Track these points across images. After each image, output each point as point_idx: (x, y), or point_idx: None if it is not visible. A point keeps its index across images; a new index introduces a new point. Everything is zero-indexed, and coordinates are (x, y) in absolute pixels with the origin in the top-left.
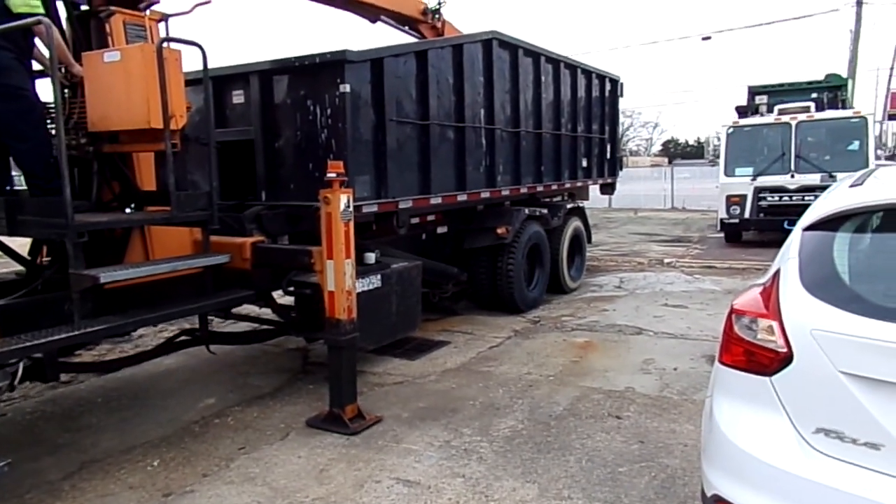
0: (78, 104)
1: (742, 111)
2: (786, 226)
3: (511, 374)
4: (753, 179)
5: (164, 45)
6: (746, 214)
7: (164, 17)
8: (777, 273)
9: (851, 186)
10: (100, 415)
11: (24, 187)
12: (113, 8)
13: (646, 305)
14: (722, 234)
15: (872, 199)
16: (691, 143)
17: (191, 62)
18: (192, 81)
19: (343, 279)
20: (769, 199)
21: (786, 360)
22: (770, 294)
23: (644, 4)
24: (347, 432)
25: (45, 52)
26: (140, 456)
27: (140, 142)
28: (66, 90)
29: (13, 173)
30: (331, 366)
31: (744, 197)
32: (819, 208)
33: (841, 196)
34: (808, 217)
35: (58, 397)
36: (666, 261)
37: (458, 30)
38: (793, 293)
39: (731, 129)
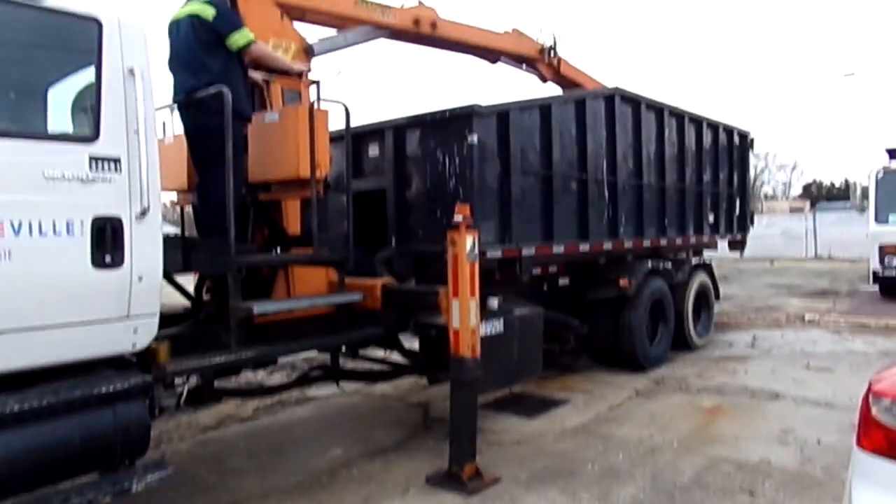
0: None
1: (894, 153)
2: None
3: (632, 438)
4: None
5: (315, 105)
6: None
7: (315, 82)
8: None
9: None
10: (242, 459)
11: None
12: (274, 76)
13: (783, 367)
14: (875, 288)
15: None
16: (837, 184)
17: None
18: (334, 138)
19: (468, 317)
20: None
21: None
22: None
23: (771, 46)
24: (466, 492)
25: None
26: (275, 501)
27: (289, 190)
28: None
29: None
30: (453, 406)
31: None
32: None
33: None
34: None
35: (207, 441)
36: (808, 317)
37: (573, 66)
38: None
39: (881, 174)
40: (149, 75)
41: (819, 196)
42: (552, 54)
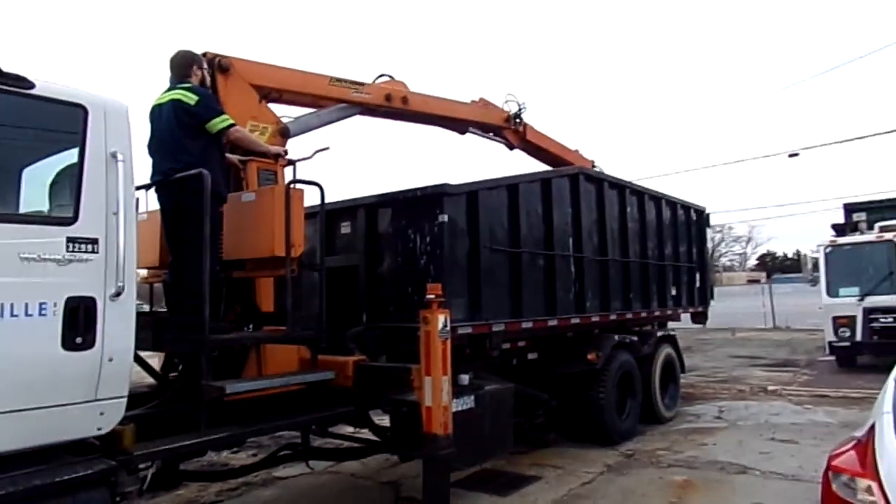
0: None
1: (839, 229)
2: None
3: None
4: (861, 300)
5: (291, 186)
6: (858, 337)
7: (291, 163)
8: (873, 427)
9: None
10: None
11: None
12: (249, 158)
13: (750, 439)
14: (833, 358)
15: None
16: (790, 255)
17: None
18: (306, 215)
19: (440, 395)
20: (882, 320)
21: None
22: (866, 450)
23: (721, 127)
24: None
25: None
26: None
27: (264, 268)
28: None
29: None
30: (425, 485)
31: (853, 318)
32: None
33: None
34: None
35: None
36: (770, 388)
37: (539, 132)
38: (890, 452)
39: (829, 248)
40: (130, 158)
41: (773, 267)
42: (518, 121)
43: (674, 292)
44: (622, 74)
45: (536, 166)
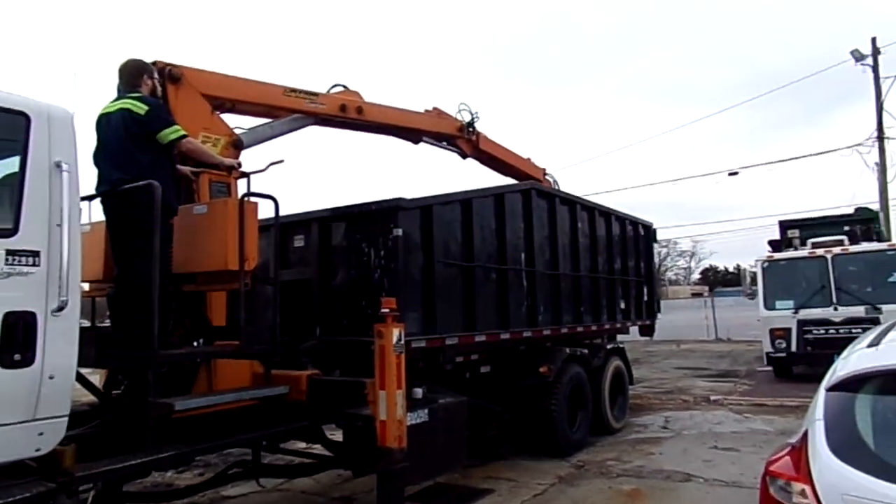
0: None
1: (775, 245)
2: (836, 359)
3: None
4: (795, 312)
5: (245, 198)
6: (793, 348)
7: (244, 175)
8: (806, 434)
9: (868, 346)
10: None
11: None
12: (201, 169)
13: (694, 448)
14: (770, 368)
15: (887, 361)
16: (731, 270)
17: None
18: (261, 228)
19: (395, 409)
20: (815, 332)
21: None
22: (800, 456)
23: (663, 148)
24: None
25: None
26: None
27: (216, 282)
28: None
29: None
30: (379, 499)
31: (788, 330)
32: (839, 368)
33: (858, 357)
34: (830, 377)
35: None
36: (713, 398)
37: (491, 141)
38: (821, 457)
39: (766, 263)
40: (76, 168)
41: (715, 281)
42: (471, 130)
43: (623, 306)
44: (572, 92)
45: (492, 176)
